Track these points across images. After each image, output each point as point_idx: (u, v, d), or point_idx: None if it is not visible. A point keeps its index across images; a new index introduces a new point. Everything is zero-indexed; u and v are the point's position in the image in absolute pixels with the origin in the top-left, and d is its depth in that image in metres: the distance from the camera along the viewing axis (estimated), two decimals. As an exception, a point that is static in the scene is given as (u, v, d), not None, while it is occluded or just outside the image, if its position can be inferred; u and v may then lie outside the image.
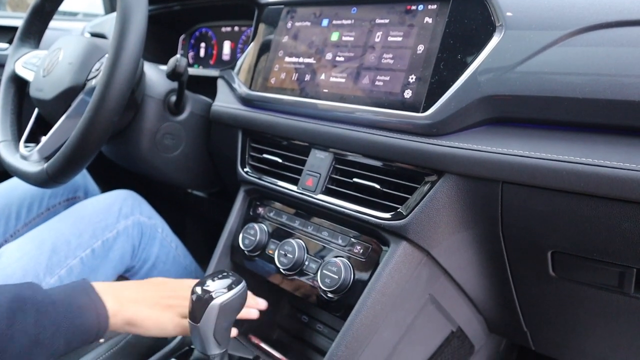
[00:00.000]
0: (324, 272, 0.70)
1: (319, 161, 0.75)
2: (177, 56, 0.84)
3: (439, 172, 0.62)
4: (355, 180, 0.70)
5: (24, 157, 0.85)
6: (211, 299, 0.61)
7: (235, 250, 0.86)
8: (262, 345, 0.84)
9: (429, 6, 0.65)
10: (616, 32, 0.52)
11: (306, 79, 0.78)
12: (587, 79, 0.52)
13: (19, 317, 0.53)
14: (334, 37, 0.76)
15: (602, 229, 0.54)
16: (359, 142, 0.69)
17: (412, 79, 0.64)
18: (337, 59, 0.74)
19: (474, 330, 0.87)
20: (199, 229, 1.53)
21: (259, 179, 0.84)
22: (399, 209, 0.65)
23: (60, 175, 0.76)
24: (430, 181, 0.62)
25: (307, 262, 0.74)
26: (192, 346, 0.67)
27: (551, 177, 0.53)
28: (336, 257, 0.71)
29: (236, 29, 1.20)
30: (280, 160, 0.81)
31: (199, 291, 0.62)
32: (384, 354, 0.70)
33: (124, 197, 0.97)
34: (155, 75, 0.95)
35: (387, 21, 0.70)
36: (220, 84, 0.96)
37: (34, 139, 0.95)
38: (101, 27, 1.09)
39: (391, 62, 0.68)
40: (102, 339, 0.66)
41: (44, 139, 0.83)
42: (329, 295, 0.70)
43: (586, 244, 0.56)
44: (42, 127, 0.95)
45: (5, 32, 1.46)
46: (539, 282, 0.67)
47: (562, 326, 0.76)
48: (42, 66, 0.89)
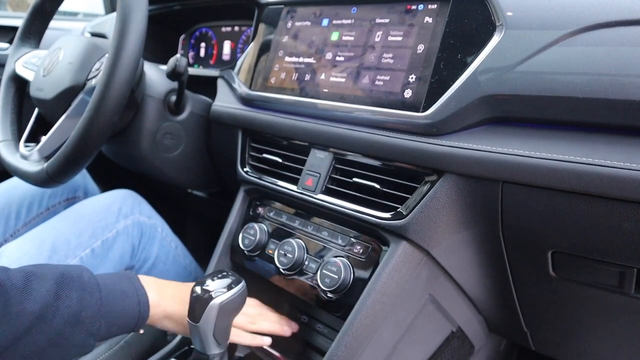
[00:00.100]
0: (324, 272, 0.69)
1: (319, 161, 0.75)
2: (177, 56, 0.84)
3: (439, 172, 0.62)
4: (355, 180, 0.70)
5: (24, 157, 0.85)
6: (211, 298, 0.61)
7: (235, 250, 0.86)
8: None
9: (429, 6, 0.65)
10: (616, 32, 0.52)
11: (306, 79, 0.78)
12: (588, 78, 0.52)
13: (65, 292, 0.56)
14: (334, 36, 0.76)
15: (602, 229, 0.54)
16: (358, 142, 0.69)
17: (412, 78, 0.64)
18: (337, 58, 0.74)
19: (474, 330, 0.87)
20: (199, 229, 1.53)
21: (259, 179, 0.84)
22: (398, 208, 0.65)
23: (60, 174, 0.76)
24: (430, 181, 0.62)
25: (306, 262, 0.74)
26: (191, 346, 0.67)
27: (551, 177, 0.53)
28: (336, 257, 0.71)
29: (236, 28, 1.20)
30: (280, 160, 0.81)
31: (199, 291, 0.62)
32: (383, 354, 0.70)
33: (123, 197, 0.97)
34: (155, 75, 0.95)
35: (387, 21, 0.70)
36: (220, 83, 0.96)
37: (34, 138, 0.95)
38: (101, 27, 1.10)
39: (391, 61, 0.68)
40: (142, 330, 0.68)
41: (44, 139, 0.83)
42: (329, 295, 0.70)
43: (586, 244, 0.56)
44: (42, 126, 0.95)
45: (5, 32, 1.46)
46: (539, 282, 0.67)
47: (562, 326, 0.76)
48: (43, 66, 0.89)
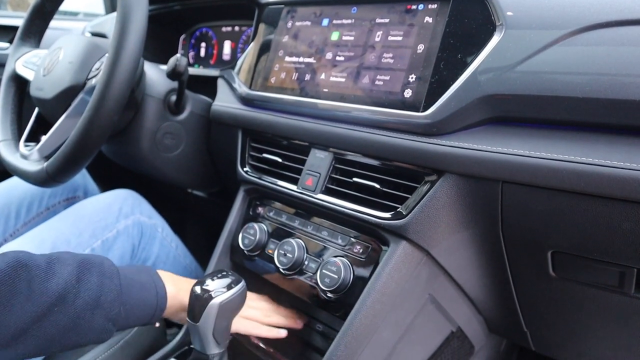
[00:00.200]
0: (324, 271, 0.69)
1: (319, 161, 0.75)
2: (177, 55, 0.84)
3: (438, 172, 0.62)
4: (355, 179, 0.70)
5: (24, 156, 0.85)
6: (210, 298, 0.61)
7: (234, 249, 0.86)
8: (262, 345, 0.84)
9: (429, 5, 0.65)
10: (616, 32, 0.52)
11: (306, 79, 0.78)
12: (588, 78, 0.52)
13: (86, 276, 0.60)
14: (334, 36, 0.76)
15: (602, 229, 0.54)
16: (358, 142, 0.69)
17: (412, 78, 0.64)
18: (337, 58, 0.74)
19: (474, 330, 0.87)
20: (199, 229, 1.53)
21: (259, 179, 0.84)
22: (398, 208, 0.65)
23: (60, 174, 0.76)
24: (430, 181, 0.62)
25: (306, 262, 0.74)
26: (191, 345, 0.67)
27: (551, 177, 0.53)
28: (336, 256, 0.71)
29: (236, 28, 1.20)
30: (280, 159, 0.81)
31: (198, 290, 0.62)
32: (383, 353, 0.70)
33: (124, 197, 0.97)
34: (155, 74, 0.95)
35: (387, 21, 0.70)
36: (220, 83, 0.96)
37: (34, 138, 0.95)
38: (102, 27, 1.09)
39: (391, 61, 0.68)
40: (158, 323, 0.69)
41: (44, 138, 0.83)
42: (329, 295, 0.70)
43: (586, 243, 0.56)
44: (42, 126, 0.95)
45: (5, 32, 1.46)
46: (539, 282, 0.66)
47: (562, 326, 0.76)
48: (43, 65, 0.89)
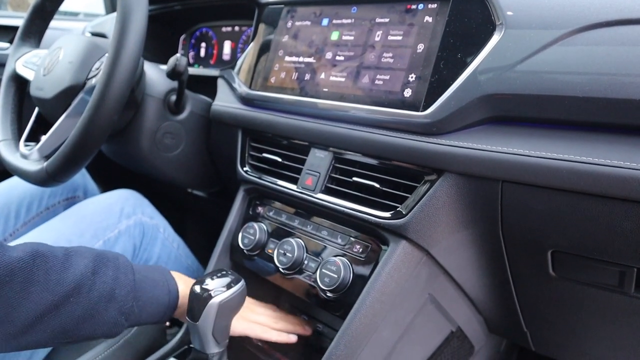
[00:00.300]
0: (323, 271, 0.69)
1: (319, 160, 0.75)
2: (177, 55, 0.84)
3: (438, 171, 0.62)
4: (354, 179, 0.70)
5: (24, 156, 0.85)
6: (210, 297, 0.61)
7: (234, 249, 0.86)
8: (261, 344, 0.84)
9: (429, 5, 0.65)
10: (616, 31, 0.52)
11: (306, 78, 0.78)
12: (587, 77, 0.52)
13: (102, 270, 0.62)
14: (334, 36, 0.76)
15: (602, 228, 0.53)
16: (358, 141, 0.69)
17: (412, 77, 0.64)
18: (337, 58, 0.74)
19: (474, 330, 0.87)
20: (199, 229, 1.53)
21: (259, 178, 0.84)
22: (398, 208, 0.65)
23: (59, 173, 0.76)
24: (429, 180, 0.62)
25: (306, 262, 0.74)
26: (191, 345, 0.67)
27: (551, 176, 0.53)
28: (335, 256, 0.71)
29: (236, 28, 1.20)
30: (279, 159, 0.81)
31: (198, 290, 0.62)
32: (383, 353, 0.70)
33: (125, 197, 0.97)
34: (155, 74, 0.95)
35: (387, 20, 0.70)
36: (220, 83, 0.96)
37: (34, 137, 0.95)
38: (102, 27, 1.10)
39: (391, 61, 0.68)
40: (168, 323, 0.68)
41: (44, 138, 0.83)
42: (328, 294, 0.70)
43: (586, 243, 0.56)
44: (42, 126, 0.95)
45: (6, 32, 1.47)
46: (539, 281, 0.66)
47: (562, 326, 0.76)
48: (43, 65, 0.89)
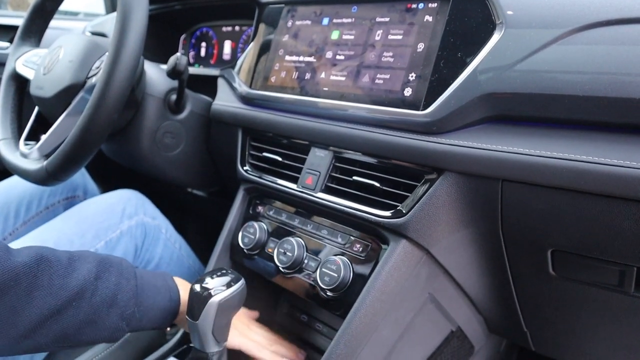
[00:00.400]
0: (323, 270, 0.69)
1: (319, 159, 0.75)
2: (178, 54, 0.84)
3: (438, 170, 0.62)
4: (355, 178, 0.70)
5: (24, 155, 0.85)
6: (210, 296, 0.61)
7: (234, 248, 0.86)
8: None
9: (430, 4, 0.65)
10: (616, 30, 0.52)
11: (306, 78, 0.78)
12: (588, 76, 0.52)
13: (104, 274, 0.62)
14: (335, 35, 0.76)
15: (602, 228, 0.53)
16: (358, 140, 0.69)
17: (412, 77, 0.64)
18: (338, 57, 0.74)
19: (474, 330, 0.87)
20: (199, 229, 1.53)
21: (259, 178, 0.84)
22: (398, 207, 0.65)
23: (59, 172, 0.76)
24: (430, 179, 0.62)
25: (306, 261, 0.74)
26: (190, 344, 0.67)
27: (551, 175, 0.53)
28: (335, 255, 0.71)
29: (237, 28, 1.20)
30: (280, 158, 0.81)
31: (198, 288, 0.62)
32: (383, 352, 0.70)
33: (127, 197, 0.97)
34: (155, 73, 0.95)
35: (387, 19, 0.70)
36: (220, 82, 0.96)
37: (34, 136, 0.95)
38: (102, 27, 1.10)
39: (391, 60, 0.68)
40: (169, 329, 0.70)
41: (44, 137, 0.83)
42: (328, 293, 0.70)
43: (586, 242, 0.56)
44: (42, 125, 0.95)
45: (6, 31, 1.47)
46: (539, 281, 0.66)
47: (562, 326, 0.76)
48: (43, 64, 0.89)
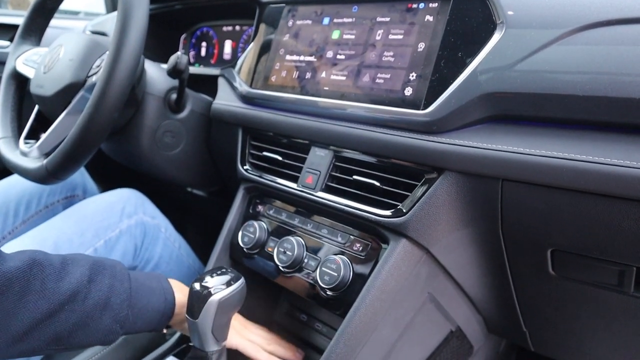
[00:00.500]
0: (323, 269, 0.69)
1: (319, 159, 0.75)
2: (178, 53, 0.84)
3: (439, 170, 0.62)
4: (355, 177, 0.70)
5: (24, 154, 0.85)
6: (210, 294, 0.61)
7: (234, 247, 0.86)
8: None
9: (430, 4, 0.66)
10: (617, 30, 0.52)
11: (307, 77, 0.78)
12: (588, 76, 0.52)
13: (98, 278, 0.61)
14: (335, 35, 0.76)
15: (602, 227, 0.54)
16: (359, 140, 0.69)
17: (412, 76, 0.65)
18: (338, 57, 0.75)
19: (473, 330, 0.87)
20: (199, 228, 1.53)
21: (259, 177, 0.84)
22: (398, 206, 0.65)
23: (59, 171, 0.76)
24: (430, 178, 0.62)
25: (306, 260, 0.74)
26: (190, 343, 0.67)
27: (551, 175, 0.53)
28: (335, 254, 0.71)
29: (237, 28, 1.20)
30: (280, 157, 0.81)
31: (198, 287, 0.62)
32: (382, 352, 0.70)
33: (127, 197, 0.97)
34: (156, 72, 0.95)
35: (388, 19, 0.70)
36: (221, 82, 0.96)
37: (34, 135, 0.95)
38: (102, 26, 1.10)
39: (392, 60, 0.68)
40: (166, 330, 0.70)
41: (44, 136, 0.83)
42: (328, 292, 0.70)
43: (586, 242, 0.56)
44: (42, 123, 0.95)
45: (6, 30, 1.47)
46: (538, 280, 0.66)
47: (562, 326, 0.76)
48: (43, 63, 0.89)
